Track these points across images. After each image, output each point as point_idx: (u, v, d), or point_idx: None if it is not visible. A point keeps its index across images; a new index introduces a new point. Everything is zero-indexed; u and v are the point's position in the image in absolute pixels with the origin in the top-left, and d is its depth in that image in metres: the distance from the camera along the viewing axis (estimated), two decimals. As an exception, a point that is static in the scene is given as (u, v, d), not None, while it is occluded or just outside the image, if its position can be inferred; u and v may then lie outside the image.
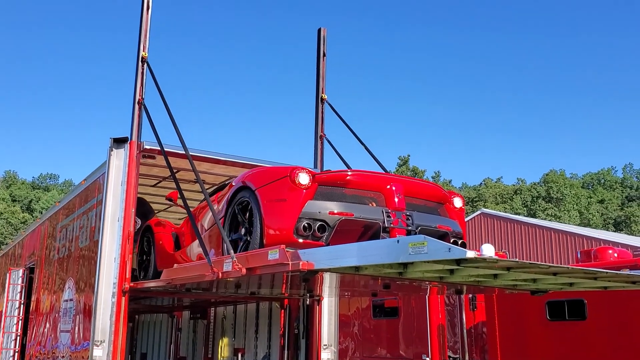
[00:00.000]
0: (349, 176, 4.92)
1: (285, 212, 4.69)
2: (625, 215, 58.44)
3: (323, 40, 8.91)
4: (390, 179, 5.06)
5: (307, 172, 4.79)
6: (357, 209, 4.73)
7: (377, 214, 4.74)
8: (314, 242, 4.61)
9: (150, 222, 7.93)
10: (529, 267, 3.76)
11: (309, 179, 4.75)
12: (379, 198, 4.93)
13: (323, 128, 8.75)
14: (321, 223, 4.62)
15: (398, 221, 4.75)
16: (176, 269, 6.47)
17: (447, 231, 5.11)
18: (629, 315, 7.57)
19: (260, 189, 5.03)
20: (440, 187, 5.49)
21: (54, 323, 8.46)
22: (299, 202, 4.68)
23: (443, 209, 5.40)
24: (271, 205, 4.86)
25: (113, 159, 6.85)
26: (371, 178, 4.99)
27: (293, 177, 4.74)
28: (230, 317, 10.47)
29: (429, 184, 5.48)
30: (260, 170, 5.39)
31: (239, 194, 5.43)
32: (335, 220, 4.63)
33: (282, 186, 4.81)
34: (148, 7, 7.30)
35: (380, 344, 11.03)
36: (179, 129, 6.28)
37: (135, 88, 7.06)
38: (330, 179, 4.87)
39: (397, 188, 4.95)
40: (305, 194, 4.70)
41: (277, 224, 4.74)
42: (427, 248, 3.10)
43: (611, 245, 20.53)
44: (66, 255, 8.41)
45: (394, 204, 4.88)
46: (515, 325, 8.90)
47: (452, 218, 5.36)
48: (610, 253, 9.12)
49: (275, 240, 4.69)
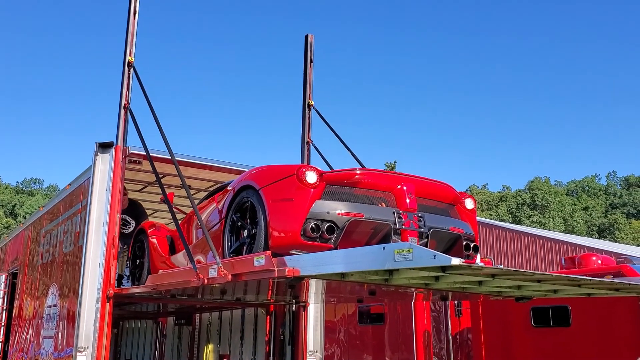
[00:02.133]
0: (358, 175, 4.69)
1: (292, 212, 4.46)
2: (609, 223, 59.02)
3: (310, 46, 8.93)
4: (402, 178, 4.83)
5: (315, 170, 4.58)
6: (367, 210, 4.51)
7: (388, 215, 4.54)
8: (322, 244, 4.39)
9: (143, 225, 7.69)
10: (514, 275, 3.78)
11: (316, 178, 4.52)
12: (389, 198, 4.73)
13: (310, 134, 8.76)
14: (330, 224, 4.39)
15: (410, 222, 4.57)
16: (161, 274, 6.44)
17: (460, 233, 4.91)
18: (612, 322, 7.64)
19: (265, 189, 4.78)
20: (452, 188, 5.26)
21: (37, 329, 8.37)
22: (306, 202, 4.43)
23: (454, 210, 5.20)
24: (277, 205, 4.62)
25: (98, 163, 6.80)
26: (381, 177, 4.78)
27: (300, 175, 4.51)
28: (215, 323, 10.42)
29: (441, 184, 5.19)
30: (264, 169, 5.14)
31: (241, 195, 5.18)
32: (345, 221, 4.41)
33: (289, 185, 4.58)
34: (135, 11, 7.28)
35: (366, 350, 11.03)
36: (165, 134, 6.26)
37: (121, 92, 7.03)
38: (339, 178, 4.65)
39: (408, 188, 4.74)
40: (313, 193, 4.47)
41: (283, 225, 4.50)
42: (412, 255, 3.10)
43: (595, 252, 20.71)
44: (50, 260, 8.33)
45: (405, 204, 4.67)
46: (500, 331, 8.94)
47: (463, 220, 5.17)
48: (594, 260, 9.20)
49: (281, 242, 4.49)
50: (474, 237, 5.08)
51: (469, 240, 4.99)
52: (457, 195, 5.24)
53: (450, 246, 4.89)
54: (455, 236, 4.87)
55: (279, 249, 4.48)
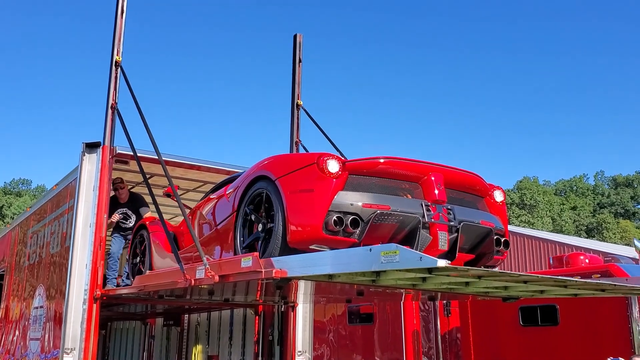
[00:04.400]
0: (383, 164, 4.34)
1: (313, 204, 4.11)
2: (597, 222, 59.47)
3: (299, 46, 8.94)
4: (430, 167, 4.48)
5: (337, 158, 4.23)
6: (394, 202, 4.19)
7: (416, 208, 4.21)
8: (345, 238, 4.07)
9: (145, 220, 7.35)
10: (499, 276, 3.80)
11: (339, 167, 4.17)
12: (416, 189, 4.40)
13: (299, 134, 8.77)
14: (354, 217, 4.05)
15: (439, 215, 4.25)
16: (148, 275, 6.40)
17: (491, 227, 4.58)
18: (600, 321, 7.70)
19: (282, 179, 4.42)
20: (482, 178, 4.91)
21: (23, 331, 8.32)
22: (328, 193, 4.09)
23: (482, 203, 4.88)
24: (295, 197, 4.26)
25: (85, 164, 6.77)
26: (408, 166, 4.42)
27: (321, 164, 4.16)
28: (204, 324, 10.40)
29: (470, 173, 4.81)
30: (280, 158, 4.82)
31: (255, 186, 4.82)
32: (370, 214, 4.07)
33: (309, 175, 4.23)
34: (122, 11, 7.25)
35: (356, 350, 11.03)
36: (153, 134, 6.24)
37: (109, 92, 7.00)
38: (362, 167, 4.30)
39: (436, 178, 4.41)
40: (336, 183, 4.13)
41: (303, 218, 4.15)
42: (398, 257, 3.09)
43: (583, 251, 20.84)
44: (37, 261, 8.28)
45: (433, 195, 4.33)
46: (488, 330, 8.98)
47: (492, 213, 4.85)
48: (582, 259, 9.25)
49: (300, 237, 4.16)
50: (504, 231, 4.80)
51: (499, 234, 4.71)
52: (487, 186, 4.93)
53: (480, 241, 4.61)
54: (486, 230, 4.56)
55: (299, 244, 4.22)
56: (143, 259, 7.04)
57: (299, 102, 8.76)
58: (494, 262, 4.73)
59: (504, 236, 4.75)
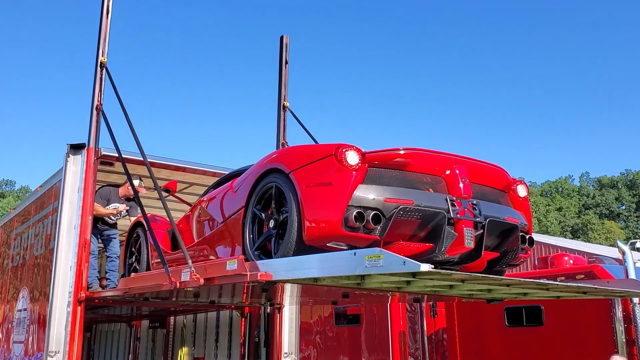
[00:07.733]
0: (404, 155, 4.11)
1: (331, 199, 3.86)
2: (582, 223, 59.99)
3: (285, 47, 8.93)
4: (454, 160, 4.26)
5: (356, 149, 3.98)
6: (417, 196, 3.96)
7: (441, 202, 4.00)
8: (366, 235, 3.83)
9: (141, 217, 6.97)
10: (482, 279, 3.83)
11: (358, 159, 3.92)
12: (439, 183, 4.19)
13: (285, 136, 8.76)
14: (375, 212, 3.82)
15: (464, 211, 4.04)
16: (133, 277, 6.36)
17: (516, 224, 4.39)
18: (584, 321, 7.76)
19: (297, 172, 4.15)
20: (506, 172, 4.71)
21: (6, 334, 8.25)
22: (348, 187, 3.83)
23: (506, 198, 4.67)
24: (312, 191, 4.00)
25: (70, 165, 6.73)
26: (431, 158, 4.20)
27: (340, 155, 3.91)
28: (190, 326, 10.37)
29: (494, 167, 4.61)
30: (294, 149, 4.57)
31: (266, 179, 4.54)
32: (392, 209, 3.83)
33: (326, 167, 3.98)
34: (108, 11, 7.20)
35: (342, 352, 11.04)
36: (138, 135, 6.21)
37: (94, 93, 6.95)
38: (383, 159, 4.06)
39: (461, 171, 4.19)
40: (355, 176, 3.87)
41: (320, 214, 3.90)
42: (382, 261, 3.11)
43: (568, 252, 21.02)
44: (20, 263, 8.21)
45: (458, 190, 4.13)
46: (474, 331, 9.03)
47: (515, 209, 4.65)
48: (566, 260, 9.31)
49: (318, 233, 3.92)
50: (528, 228, 4.61)
51: (524, 231, 4.52)
52: (511, 180, 4.72)
53: (505, 238, 4.43)
54: (511, 227, 4.37)
55: (316, 242, 3.99)
56: (139, 258, 6.84)
57: (286, 104, 8.75)
58: (518, 260, 4.59)
59: (528, 233, 4.57)
